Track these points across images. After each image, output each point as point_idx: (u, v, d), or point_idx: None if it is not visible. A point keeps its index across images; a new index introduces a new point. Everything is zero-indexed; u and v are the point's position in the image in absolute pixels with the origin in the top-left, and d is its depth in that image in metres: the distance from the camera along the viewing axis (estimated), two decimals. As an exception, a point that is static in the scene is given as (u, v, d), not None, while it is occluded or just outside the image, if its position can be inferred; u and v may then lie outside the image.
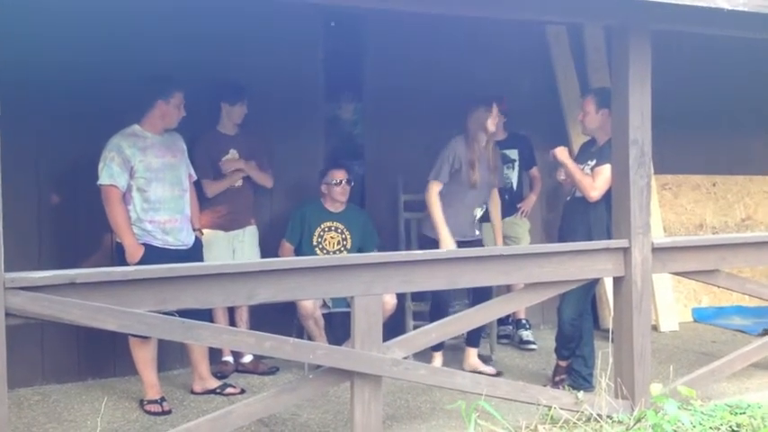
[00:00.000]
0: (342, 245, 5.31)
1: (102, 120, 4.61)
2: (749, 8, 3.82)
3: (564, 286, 4.20)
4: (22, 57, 4.41)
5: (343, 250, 5.29)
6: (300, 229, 5.27)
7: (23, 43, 4.41)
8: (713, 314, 6.78)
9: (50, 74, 4.64)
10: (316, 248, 5.26)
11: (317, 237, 5.27)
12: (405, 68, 5.80)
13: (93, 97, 4.75)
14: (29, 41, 4.47)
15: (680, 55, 5.95)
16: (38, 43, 4.53)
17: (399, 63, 5.79)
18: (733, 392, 4.69)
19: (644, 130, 4.12)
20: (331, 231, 5.29)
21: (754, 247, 4.65)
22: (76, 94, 4.75)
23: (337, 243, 5.30)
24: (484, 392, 3.81)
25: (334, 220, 5.31)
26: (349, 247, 5.33)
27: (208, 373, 4.79)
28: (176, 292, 3.25)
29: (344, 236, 5.32)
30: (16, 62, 4.28)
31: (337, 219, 5.32)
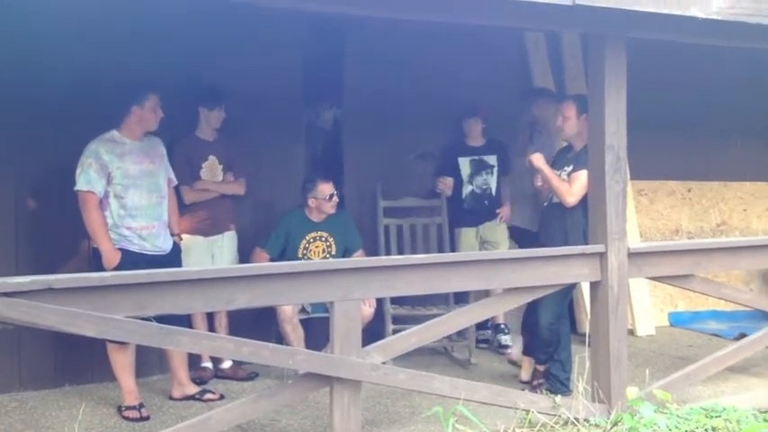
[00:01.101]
0: (327, 252, 5.31)
1: (80, 124, 4.59)
2: (722, 17, 3.88)
3: (542, 291, 4.23)
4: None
5: (327, 257, 5.29)
6: (284, 243, 5.22)
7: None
8: (689, 319, 6.86)
9: (28, 77, 4.61)
10: (299, 257, 5.23)
11: (302, 249, 5.24)
12: (384, 75, 5.82)
13: (71, 101, 4.73)
14: (4, 44, 4.44)
15: (656, 62, 6.01)
16: (14, 46, 4.50)
17: (379, 69, 5.81)
18: (708, 396, 4.74)
19: (619, 135, 4.17)
20: (316, 241, 5.28)
21: (729, 252, 4.71)
22: (54, 98, 4.72)
23: (322, 251, 5.30)
24: (462, 397, 3.84)
25: (319, 230, 5.29)
26: (333, 252, 5.32)
27: (187, 379, 4.77)
28: (155, 297, 3.25)
29: (329, 243, 5.31)
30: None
31: (321, 228, 5.29)
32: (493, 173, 6.08)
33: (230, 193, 5.21)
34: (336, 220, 5.34)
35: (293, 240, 5.22)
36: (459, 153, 6.06)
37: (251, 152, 5.40)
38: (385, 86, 5.83)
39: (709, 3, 3.85)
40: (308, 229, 5.26)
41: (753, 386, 4.99)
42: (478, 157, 6.06)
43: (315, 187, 5.22)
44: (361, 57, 5.85)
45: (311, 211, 5.26)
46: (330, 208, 5.25)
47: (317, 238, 5.27)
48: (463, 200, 6.07)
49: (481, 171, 6.07)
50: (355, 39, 5.73)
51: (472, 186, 6.06)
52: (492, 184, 6.08)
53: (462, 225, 6.06)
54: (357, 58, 5.87)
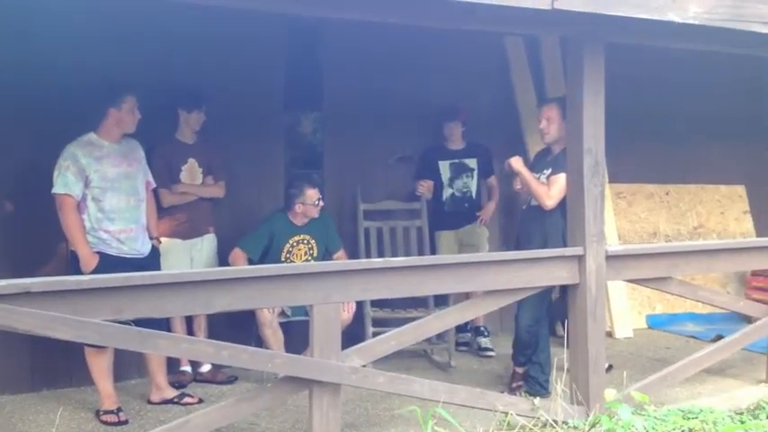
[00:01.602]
0: (309, 254, 5.32)
1: (57, 126, 4.56)
2: (699, 21, 3.91)
3: (521, 293, 4.25)
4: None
5: (309, 259, 5.30)
6: (267, 245, 5.20)
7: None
8: (667, 321, 6.91)
9: (5, 78, 4.57)
10: (282, 260, 5.23)
11: (285, 252, 5.25)
12: (364, 79, 5.84)
13: (48, 102, 4.69)
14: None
15: (634, 66, 6.06)
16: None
17: (359, 73, 5.82)
18: (686, 397, 4.79)
19: (598, 139, 4.19)
20: (299, 245, 5.28)
21: (706, 254, 4.75)
22: (31, 99, 4.68)
23: (304, 254, 5.31)
24: (441, 399, 3.85)
25: (302, 233, 5.29)
26: (315, 254, 5.33)
27: (165, 383, 4.75)
28: (133, 300, 3.23)
29: (311, 245, 5.32)
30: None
31: (304, 231, 5.30)
32: (473, 176, 6.11)
33: (209, 196, 5.20)
34: (318, 222, 5.34)
35: (277, 244, 5.21)
36: (440, 156, 6.09)
37: (231, 155, 5.38)
38: (365, 90, 5.85)
39: (686, 8, 3.87)
40: (291, 233, 5.26)
41: (729, 387, 5.04)
42: (459, 161, 6.09)
43: (302, 193, 5.21)
44: (341, 61, 5.86)
45: (296, 216, 5.26)
46: (315, 212, 5.27)
47: (300, 242, 5.28)
48: (443, 203, 6.09)
49: (461, 174, 6.10)
50: (335, 43, 5.74)
51: (452, 189, 6.09)
52: (472, 187, 6.11)
53: (442, 228, 6.09)
54: (337, 63, 5.88)
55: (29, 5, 4.12)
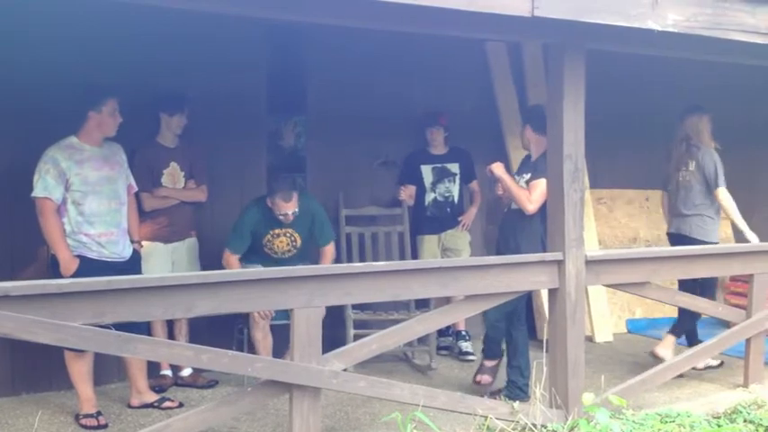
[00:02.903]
0: (291, 245, 5.17)
1: (38, 129, 4.55)
2: (678, 29, 3.95)
3: (501, 298, 4.27)
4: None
5: (292, 250, 5.17)
6: (249, 239, 5.08)
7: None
8: (646, 325, 6.96)
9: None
10: (264, 249, 5.12)
11: (266, 243, 5.12)
12: (347, 82, 5.85)
13: (29, 105, 4.68)
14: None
15: (615, 73, 6.11)
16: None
17: (342, 78, 5.83)
18: (664, 401, 4.82)
19: (577, 145, 4.22)
20: (280, 237, 5.15)
21: (684, 260, 4.80)
22: (11, 100, 4.65)
23: (286, 245, 5.16)
24: (421, 403, 3.86)
25: (284, 227, 5.11)
26: (298, 245, 5.18)
27: (145, 387, 4.74)
28: (113, 304, 3.23)
29: (293, 237, 5.16)
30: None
31: (286, 225, 5.10)
32: (455, 180, 6.14)
33: (191, 200, 5.19)
34: (303, 217, 5.10)
35: (257, 235, 5.09)
36: (422, 161, 6.12)
37: (213, 159, 5.38)
38: (348, 95, 5.86)
39: (665, 16, 3.91)
40: (272, 226, 5.09)
41: (707, 392, 5.09)
42: (441, 165, 6.12)
43: (273, 202, 4.99)
44: (324, 65, 5.87)
45: None
46: (283, 220, 5.03)
47: (281, 234, 5.14)
48: (426, 207, 6.12)
49: (443, 179, 6.13)
50: (318, 47, 5.74)
51: (435, 194, 6.12)
52: (454, 191, 6.14)
53: (425, 232, 6.11)
54: (320, 67, 5.89)
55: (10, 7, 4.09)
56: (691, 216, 5.52)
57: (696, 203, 5.50)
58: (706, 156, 5.49)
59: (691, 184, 5.53)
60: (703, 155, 5.49)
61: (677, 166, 5.62)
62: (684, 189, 5.55)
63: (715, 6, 4.03)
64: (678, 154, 5.63)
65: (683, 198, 5.56)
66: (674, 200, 5.65)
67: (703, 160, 5.48)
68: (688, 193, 5.53)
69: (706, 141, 5.55)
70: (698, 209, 5.50)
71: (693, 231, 5.49)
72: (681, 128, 5.63)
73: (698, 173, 5.49)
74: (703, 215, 5.50)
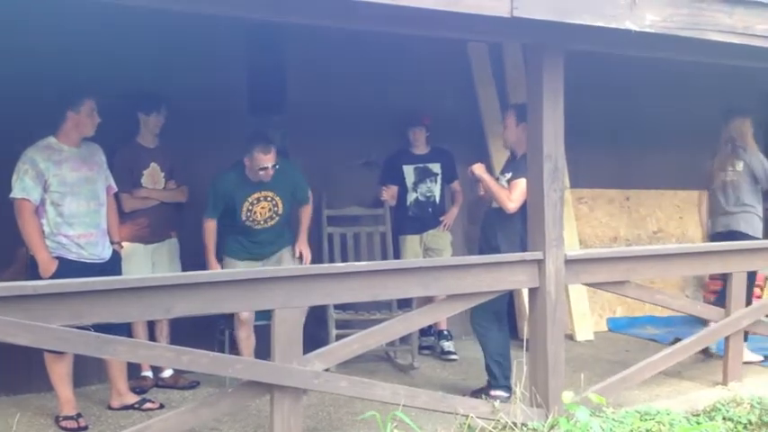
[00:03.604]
0: (272, 212, 5.02)
1: (16, 129, 4.51)
2: (655, 30, 3.98)
3: (482, 297, 4.28)
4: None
5: (275, 216, 5.04)
6: (224, 205, 4.94)
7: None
8: (627, 324, 7.01)
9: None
10: (245, 221, 4.98)
11: (245, 211, 4.94)
12: (329, 83, 5.85)
13: (6, 106, 4.63)
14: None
15: (595, 74, 6.14)
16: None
17: (323, 78, 5.83)
18: (644, 399, 4.86)
19: (557, 145, 4.25)
20: (261, 202, 4.95)
21: (662, 258, 4.83)
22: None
23: (267, 211, 5.01)
24: (403, 403, 3.87)
25: (262, 190, 4.93)
26: (280, 211, 5.05)
27: (126, 389, 4.72)
28: (91, 306, 3.22)
29: (275, 202, 5.00)
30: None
31: (264, 188, 4.94)
32: (437, 180, 6.16)
33: (172, 200, 5.17)
34: (281, 176, 4.93)
35: (233, 202, 4.92)
36: (404, 161, 6.13)
37: (194, 159, 5.36)
38: (329, 95, 5.86)
39: (642, 17, 3.94)
40: (249, 190, 4.91)
41: (686, 390, 5.13)
42: (423, 165, 6.13)
43: (252, 156, 4.80)
44: (305, 65, 5.86)
45: (250, 172, 4.92)
46: (264, 177, 4.86)
47: (261, 199, 4.95)
48: (407, 207, 6.13)
49: (425, 179, 6.14)
50: (298, 48, 5.74)
51: (416, 194, 6.13)
52: (436, 191, 6.16)
53: (406, 232, 6.13)
54: (301, 67, 5.88)
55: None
56: (739, 213, 5.80)
57: (745, 202, 5.79)
58: (753, 157, 5.82)
59: (739, 184, 5.82)
60: (750, 156, 5.82)
61: (722, 167, 5.92)
62: (733, 188, 5.85)
63: (692, 7, 4.06)
64: (724, 155, 5.93)
65: (732, 197, 5.85)
66: (720, 199, 5.92)
67: (751, 161, 5.80)
68: (736, 193, 5.82)
69: (750, 143, 5.87)
70: (746, 207, 5.79)
71: (742, 227, 5.77)
72: (725, 130, 5.96)
73: (746, 173, 5.79)
74: (751, 212, 5.80)
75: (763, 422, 4.52)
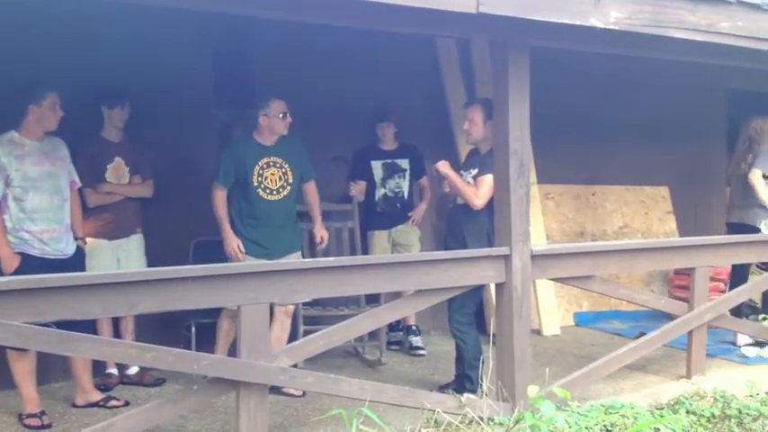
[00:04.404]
0: (284, 180, 4.96)
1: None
2: (620, 27, 4.01)
3: (450, 292, 4.30)
4: None
5: (286, 186, 4.96)
6: (235, 171, 4.85)
7: None
8: (593, 318, 7.08)
9: None
10: (258, 189, 4.87)
11: (256, 176, 4.85)
12: (297, 78, 5.81)
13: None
14: None
15: (563, 71, 6.19)
16: None
17: (291, 72, 5.79)
18: (609, 393, 4.90)
19: (523, 141, 4.27)
20: (270, 167, 4.89)
21: (627, 254, 4.88)
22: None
23: (279, 179, 4.93)
24: (369, 398, 3.87)
25: (271, 155, 4.89)
26: (291, 180, 4.98)
27: (90, 386, 4.67)
28: (53, 303, 3.18)
29: (284, 170, 4.94)
30: None
31: (274, 153, 4.90)
32: (405, 176, 6.17)
33: (137, 195, 5.12)
34: (289, 143, 4.97)
35: (244, 168, 4.85)
36: (372, 156, 6.13)
37: (159, 154, 5.31)
38: (298, 90, 5.81)
39: (607, 13, 3.97)
40: (259, 155, 4.87)
41: (650, 383, 5.18)
42: (391, 161, 6.14)
43: (266, 105, 4.83)
44: (271, 60, 5.83)
45: (261, 133, 4.89)
46: (283, 128, 4.88)
47: (270, 164, 4.89)
48: (376, 203, 6.14)
49: (394, 174, 6.15)
50: (267, 42, 5.71)
51: (385, 189, 6.14)
52: (404, 187, 6.17)
53: (375, 228, 6.13)
54: (268, 61, 5.85)
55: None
56: (754, 208, 6.19)
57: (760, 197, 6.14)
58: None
59: None
60: (766, 153, 6.19)
61: (738, 164, 6.37)
62: (748, 183, 6.19)
63: (656, 4, 4.09)
64: (741, 152, 6.38)
65: (747, 192, 6.23)
66: (737, 193, 6.39)
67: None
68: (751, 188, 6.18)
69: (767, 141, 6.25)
70: (760, 202, 6.15)
71: (755, 221, 6.17)
72: (744, 130, 6.38)
73: None
74: (765, 207, 6.14)
75: (726, 415, 4.60)
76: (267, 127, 4.90)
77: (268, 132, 4.91)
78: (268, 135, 4.92)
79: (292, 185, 5.01)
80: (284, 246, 5.03)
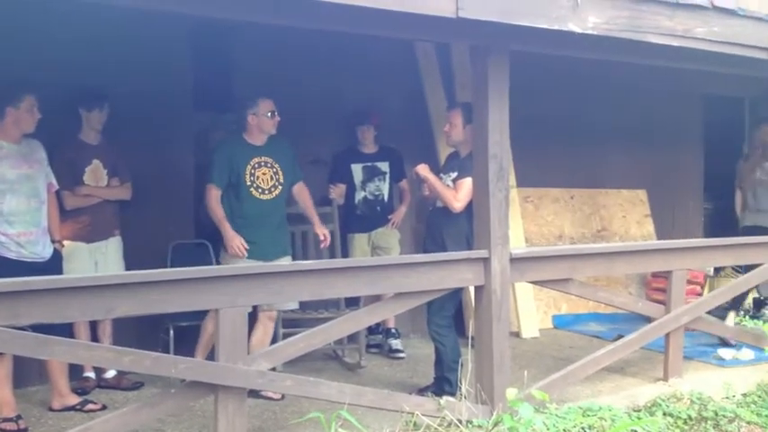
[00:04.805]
0: (275, 180, 4.98)
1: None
2: (598, 32, 4.05)
3: (429, 295, 4.31)
4: None
5: (278, 185, 4.98)
6: (228, 171, 4.85)
7: None
8: (572, 321, 7.11)
9: None
10: (250, 188, 4.88)
11: (248, 175, 4.87)
12: (276, 80, 5.78)
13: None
14: None
15: (542, 75, 6.22)
16: None
17: (271, 75, 5.77)
18: (587, 395, 4.92)
19: (502, 145, 4.29)
20: (262, 167, 4.91)
21: (605, 257, 4.91)
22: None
23: (270, 179, 4.95)
24: (348, 401, 3.87)
25: (262, 155, 4.91)
26: (282, 180, 5.00)
27: (67, 390, 4.64)
28: (29, 306, 3.15)
29: (275, 169, 4.96)
30: None
31: (264, 152, 4.93)
32: (385, 179, 6.17)
33: (115, 198, 5.09)
34: (278, 144, 5.00)
35: (237, 167, 4.86)
36: (352, 159, 6.13)
37: (138, 156, 5.28)
38: (276, 92, 5.80)
39: (585, 18, 4.00)
40: (250, 154, 4.88)
41: (628, 386, 5.20)
42: (371, 164, 6.14)
43: (255, 104, 4.86)
44: (250, 62, 5.82)
45: (251, 132, 4.91)
46: (271, 126, 4.91)
47: (261, 164, 4.92)
48: (356, 206, 6.14)
49: (374, 177, 6.15)
50: (245, 45, 5.70)
51: (365, 192, 6.14)
52: (384, 190, 6.17)
53: (355, 231, 6.13)
54: (247, 64, 5.84)
55: None
56: None
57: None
58: None
59: None
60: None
61: (753, 168, 6.53)
62: (762, 188, 6.43)
63: (633, 9, 4.14)
64: (755, 158, 6.56)
65: (761, 196, 6.43)
66: (750, 197, 6.55)
67: None
68: (766, 192, 6.40)
69: None
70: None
71: None
72: (758, 135, 6.57)
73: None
74: None
75: (703, 417, 4.64)
76: (256, 126, 4.92)
77: (257, 131, 4.93)
78: (257, 134, 4.94)
79: (284, 185, 5.03)
80: (279, 247, 5.06)
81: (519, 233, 6.78)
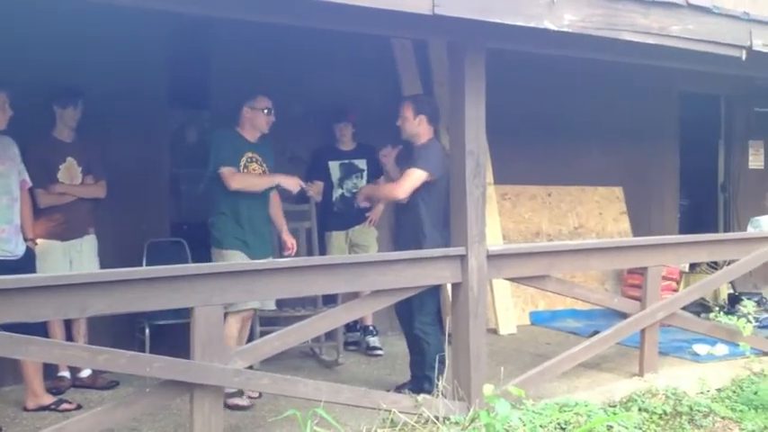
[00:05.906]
0: None
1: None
2: (573, 29, 4.07)
3: (406, 292, 4.31)
4: None
5: None
6: (232, 152, 4.78)
7: None
8: (549, 317, 7.15)
9: None
10: None
11: (242, 168, 4.82)
12: (253, 77, 5.76)
13: None
14: None
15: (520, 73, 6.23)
16: None
17: (247, 73, 5.74)
18: (563, 391, 4.95)
19: (479, 141, 4.30)
20: (253, 163, 4.86)
21: (581, 254, 4.94)
22: None
23: (260, 173, 4.92)
24: (325, 399, 3.86)
25: (253, 151, 4.88)
26: None
27: (42, 389, 4.59)
28: (3, 304, 3.13)
29: (264, 168, 4.92)
30: None
31: (256, 149, 4.90)
32: (363, 176, 6.16)
33: (90, 196, 5.04)
34: (266, 146, 4.99)
35: (235, 155, 4.80)
36: (330, 157, 6.11)
37: (112, 154, 5.23)
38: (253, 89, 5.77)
39: (561, 16, 4.02)
40: (244, 148, 4.85)
41: (604, 381, 5.24)
42: (349, 161, 6.13)
43: (253, 98, 4.85)
44: (227, 59, 5.79)
45: (243, 126, 4.87)
46: (265, 124, 4.88)
47: (252, 160, 4.87)
48: (333, 203, 6.12)
49: (351, 175, 6.14)
50: (221, 42, 5.66)
51: (342, 190, 6.12)
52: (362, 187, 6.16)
53: (332, 228, 6.12)
54: (223, 61, 5.81)
55: None
56: None
57: None
58: None
59: None
60: None
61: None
62: None
63: (608, 7, 4.16)
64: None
65: None
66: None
67: None
68: None
69: None
70: None
71: None
72: None
73: None
74: None
75: (678, 412, 4.69)
76: (250, 120, 4.88)
77: (250, 126, 4.89)
78: (250, 129, 4.90)
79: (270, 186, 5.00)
80: (267, 246, 5.01)
81: (496, 230, 6.80)
